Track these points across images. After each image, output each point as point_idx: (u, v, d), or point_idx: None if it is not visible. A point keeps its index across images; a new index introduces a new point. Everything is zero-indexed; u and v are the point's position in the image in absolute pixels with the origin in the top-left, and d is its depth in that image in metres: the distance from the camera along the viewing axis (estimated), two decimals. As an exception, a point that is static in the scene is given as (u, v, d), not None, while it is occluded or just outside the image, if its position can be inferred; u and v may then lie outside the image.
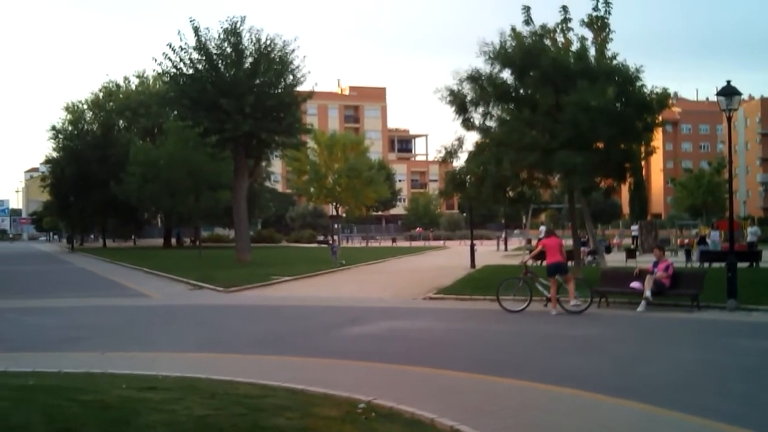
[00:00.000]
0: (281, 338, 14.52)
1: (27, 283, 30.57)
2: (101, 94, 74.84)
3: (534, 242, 36.02)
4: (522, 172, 23.83)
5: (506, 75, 23.48)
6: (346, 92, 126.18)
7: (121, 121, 73.87)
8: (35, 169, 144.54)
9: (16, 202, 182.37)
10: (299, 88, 40.39)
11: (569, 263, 20.76)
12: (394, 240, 79.92)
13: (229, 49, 37.92)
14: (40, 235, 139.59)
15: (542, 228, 35.77)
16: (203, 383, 9.41)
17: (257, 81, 38.26)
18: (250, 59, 38.30)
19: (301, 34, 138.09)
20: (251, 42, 38.13)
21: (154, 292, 25.03)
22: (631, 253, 33.71)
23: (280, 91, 39.19)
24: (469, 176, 24.88)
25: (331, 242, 40.33)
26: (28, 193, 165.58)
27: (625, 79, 22.53)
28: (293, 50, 38.71)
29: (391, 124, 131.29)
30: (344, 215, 76.90)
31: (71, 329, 16.03)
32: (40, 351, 13.07)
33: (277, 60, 38.42)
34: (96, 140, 69.21)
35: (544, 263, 20.28)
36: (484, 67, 23.39)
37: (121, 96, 74.01)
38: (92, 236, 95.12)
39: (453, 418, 7.67)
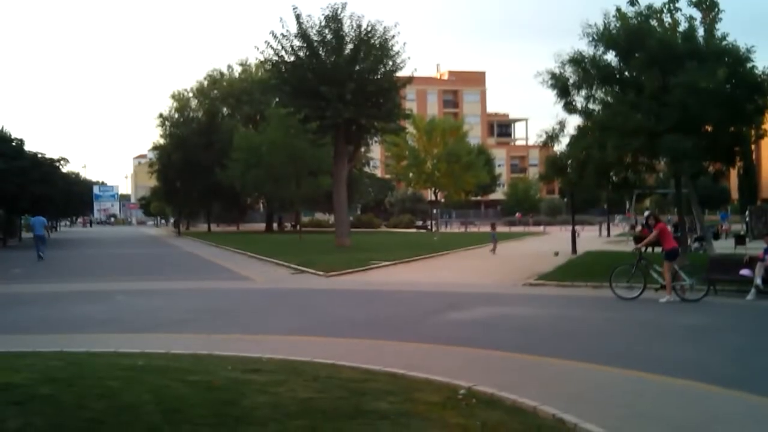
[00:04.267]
0: (381, 323, 14.52)
1: (137, 266, 31.65)
2: (206, 82, 76.72)
3: (638, 228, 35.18)
4: (626, 157, 23.26)
5: (610, 57, 22.96)
6: (445, 77, 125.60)
7: (224, 109, 75.69)
8: (143, 156, 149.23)
9: (125, 188, 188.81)
10: (398, 74, 40.45)
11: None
12: (493, 225, 79.28)
13: (329, 36, 38.19)
14: (148, 220, 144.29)
15: (646, 213, 34.77)
16: (306, 366, 9.51)
17: (357, 67, 38.45)
18: (350, 46, 38.50)
19: (401, 20, 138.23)
20: (352, 28, 38.32)
21: (258, 275, 25.47)
22: (740, 240, 32.57)
23: (379, 77, 39.31)
24: (570, 161, 24.45)
25: (491, 229, 39.52)
26: (136, 179, 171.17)
27: (735, 60, 21.68)
28: (393, 36, 38.78)
29: (491, 108, 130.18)
30: (443, 200, 76.68)
31: (178, 311, 16.49)
32: (148, 332, 13.48)
33: (378, 46, 38.49)
34: (201, 127, 71.09)
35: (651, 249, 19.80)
36: (587, 49, 22.93)
37: (224, 84, 75.72)
38: (190, 220, 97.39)
39: (556, 407, 7.55)
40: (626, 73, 22.92)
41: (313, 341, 12.34)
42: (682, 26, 22.67)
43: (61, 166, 57.35)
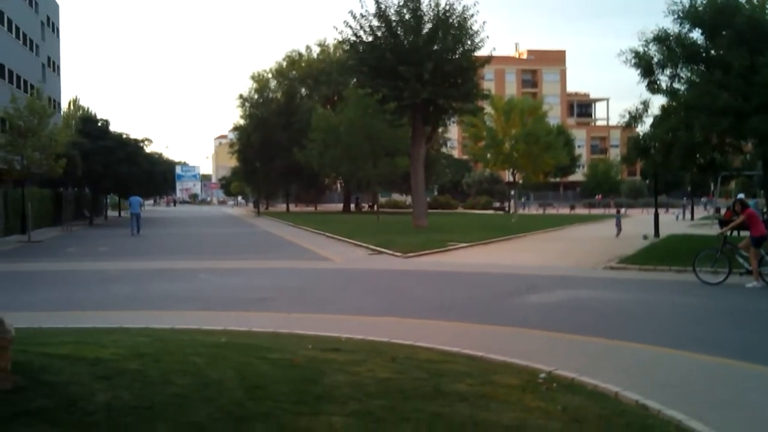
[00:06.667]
0: (459, 304, 14.47)
1: (218, 245, 32.28)
2: (285, 63, 77.53)
3: (723, 211, 34.28)
4: (713, 138, 22.66)
5: (696, 35, 22.43)
6: (524, 56, 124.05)
7: (303, 89, 76.36)
8: (224, 136, 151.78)
9: (207, 168, 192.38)
10: (477, 53, 40.11)
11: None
12: (572, 207, 78.48)
13: (408, 16, 38.11)
14: (228, 200, 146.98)
15: (740, 195, 33.78)
16: (385, 347, 9.55)
17: (435, 47, 38.28)
18: (429, 25, 38.36)
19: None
20: (430, 8, 38.20)
21: (336, 256, 25.67)
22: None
23: (458, 56, 39.05)
24: (655, 142, 23.92)
25: (617, 211, 39.06)
26: (217, 159, 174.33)
27: (828, 38, 20.93)
28: (472, 15, 38.46)
29: (571, 88, 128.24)
30: (521, 182, 75.94)
31: (258, 290, 16.74)
32: (229, 310, 13.72)
33: (456, 25, 38.25)
34: (280, 108, 72.00)
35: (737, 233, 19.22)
36: (672, 27, 22.48)
37: (303, 64, 76.37)
38: (268, 200, 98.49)
39: (638, 392, 7.44)
40: (712, 52, 22.32)
41: (390, 322, 12.38)
42: (772, 3, 21.92)
43: (144, 146, 58.67)
